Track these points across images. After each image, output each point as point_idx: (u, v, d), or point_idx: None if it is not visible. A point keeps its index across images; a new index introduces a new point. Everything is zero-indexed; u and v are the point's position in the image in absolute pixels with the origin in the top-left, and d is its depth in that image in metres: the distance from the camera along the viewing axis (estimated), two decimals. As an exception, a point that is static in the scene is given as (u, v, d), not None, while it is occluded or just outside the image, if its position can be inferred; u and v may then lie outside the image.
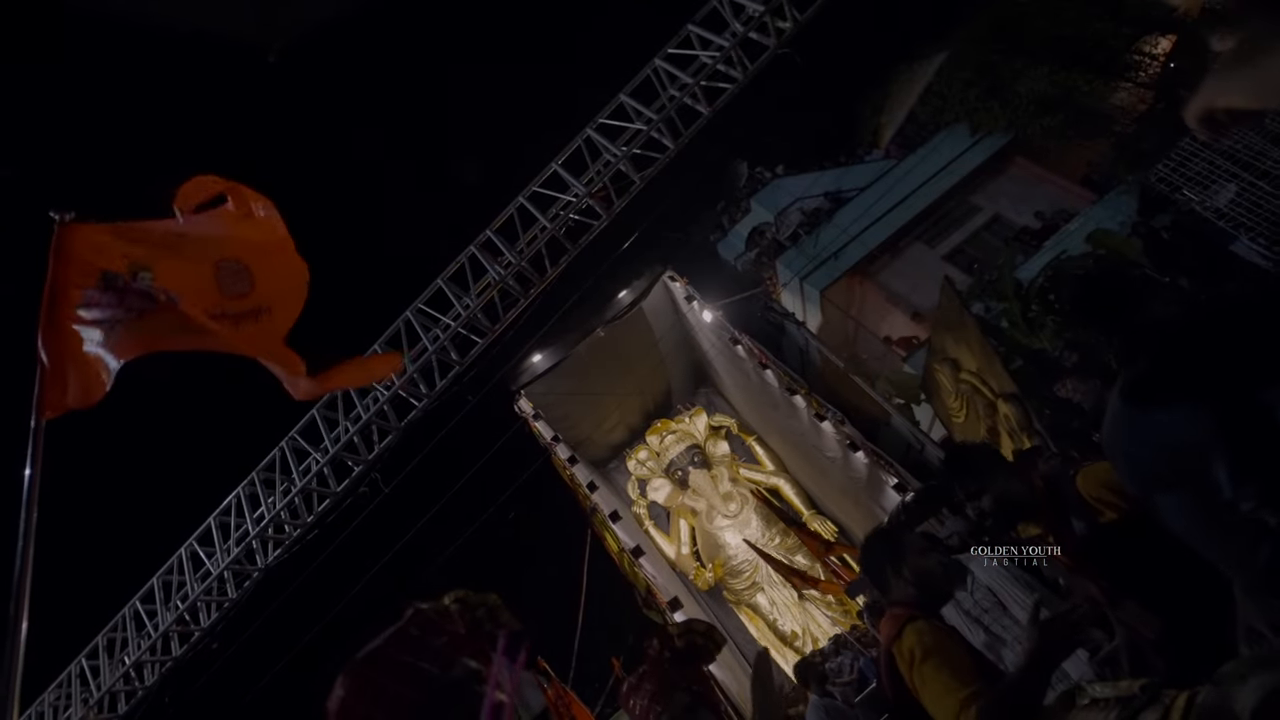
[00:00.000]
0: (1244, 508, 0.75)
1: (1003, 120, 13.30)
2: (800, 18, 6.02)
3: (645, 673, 2.01)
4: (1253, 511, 0.74)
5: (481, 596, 1.24)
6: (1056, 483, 1.97)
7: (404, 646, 0.99)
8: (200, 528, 7.15)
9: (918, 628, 1.66)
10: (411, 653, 0.96)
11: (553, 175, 6.63)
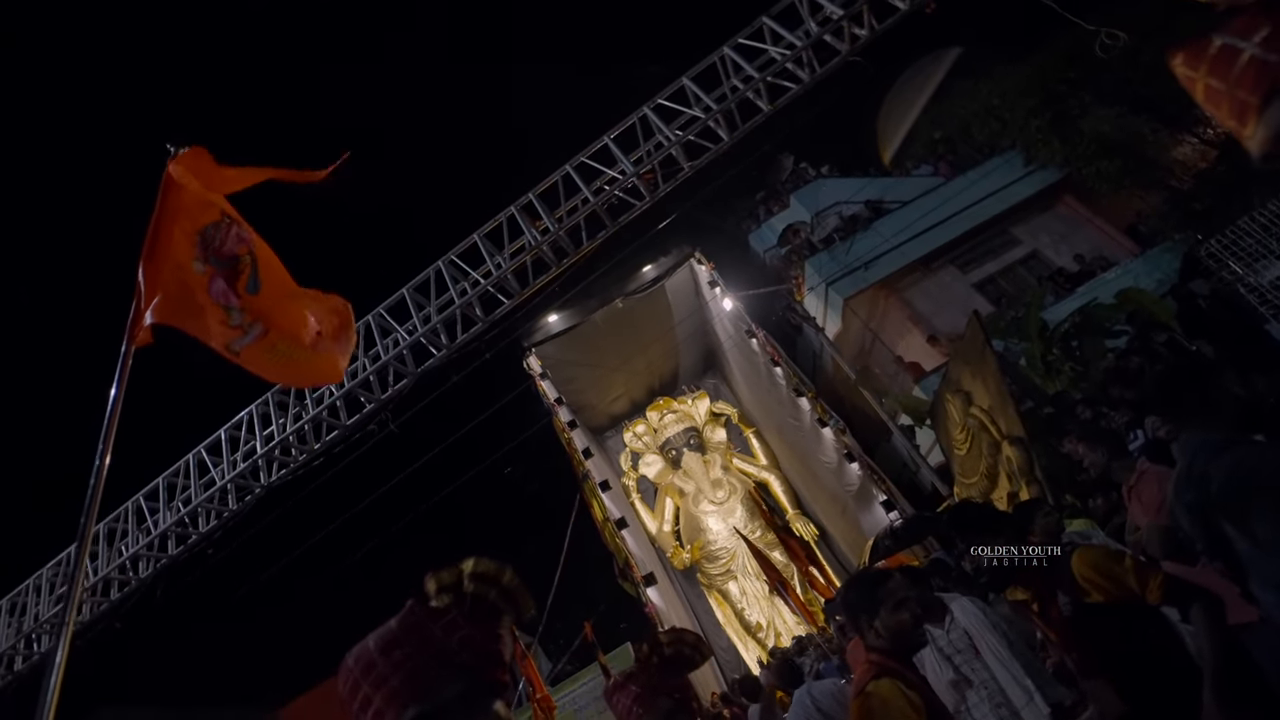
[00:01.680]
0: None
1: (1060, 156, 13.01)
2: (878, 27, 5.89)
3: (632, 674, 2.11)
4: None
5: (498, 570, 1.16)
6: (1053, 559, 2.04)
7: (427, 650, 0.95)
8: (210, 437, 7.35)
9: (881, 691, 1.71)
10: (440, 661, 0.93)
11: (603, 148, 6.59)
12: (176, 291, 2.30)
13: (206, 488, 7.28)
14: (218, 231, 2.42)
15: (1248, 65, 0.59)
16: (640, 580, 11.63)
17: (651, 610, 11.32)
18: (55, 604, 7.71)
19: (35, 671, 7.87)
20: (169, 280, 2.28)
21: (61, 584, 7.79)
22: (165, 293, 2.26)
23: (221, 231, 2.45)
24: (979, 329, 7.28)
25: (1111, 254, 12.78)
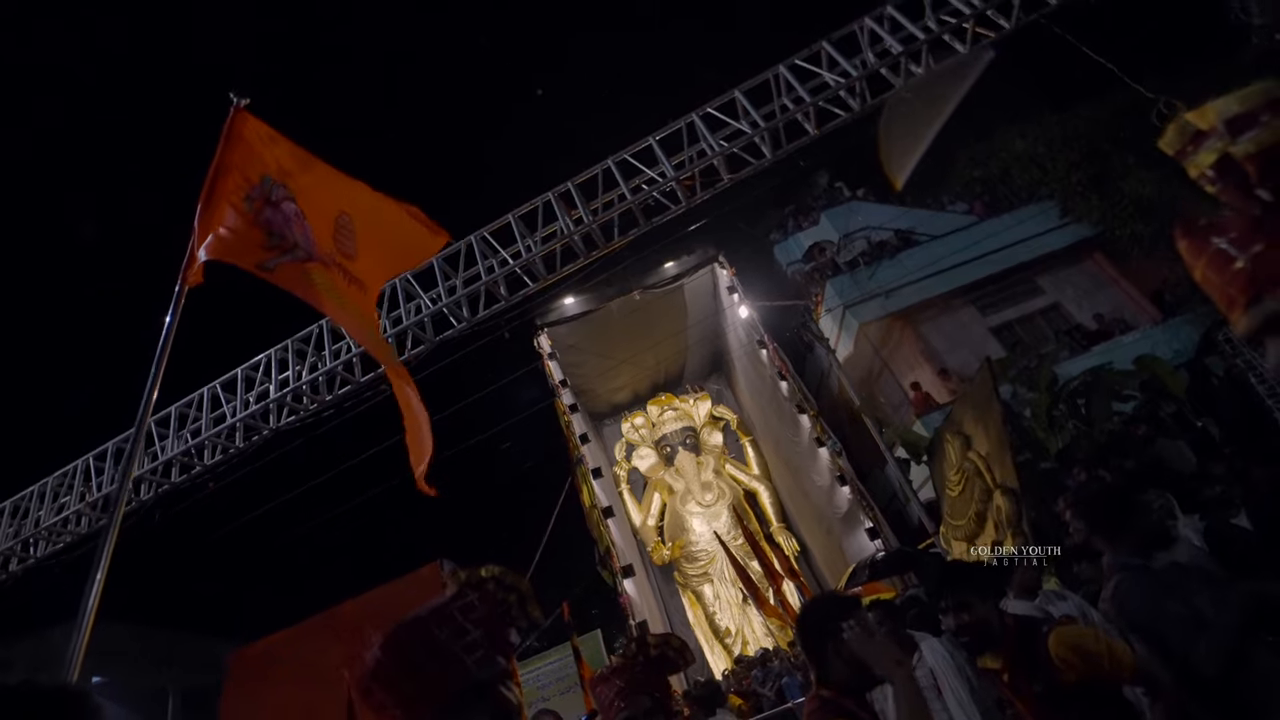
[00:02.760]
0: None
1: (1096, 212, 12.96)
2: (934, 66, 5.92)
3: (618, 669, 2.22)
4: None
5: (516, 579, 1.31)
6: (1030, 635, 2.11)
7: (446, 627, 1.07)
8: (226, 375, 7.51)
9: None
10: (452, 637, 1.05)
11: (646, 148, 6.65)
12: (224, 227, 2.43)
13: (217, 423, 7.45)
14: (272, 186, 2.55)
15: (1239, 272, 0.68)
16: (619, 570, 11.80)
17: (626, 601, 11.50)
18: (56, 512, 7.94)
19: (28, 574, 8.14)
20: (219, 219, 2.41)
21: (65, 492, 8.02)
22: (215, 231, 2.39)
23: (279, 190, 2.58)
24: (990, 377, 7.33)
25: (1132, 318, 12.75)
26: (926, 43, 5.80)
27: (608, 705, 2.09)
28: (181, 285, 2.24)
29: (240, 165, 2.39)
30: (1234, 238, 0.65)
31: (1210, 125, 0.68)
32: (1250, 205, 0.64)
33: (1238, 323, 0.69)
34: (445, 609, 1.06)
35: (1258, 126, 0.65)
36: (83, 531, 7.91)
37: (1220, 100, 0.68)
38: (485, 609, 1.08)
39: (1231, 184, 0.66)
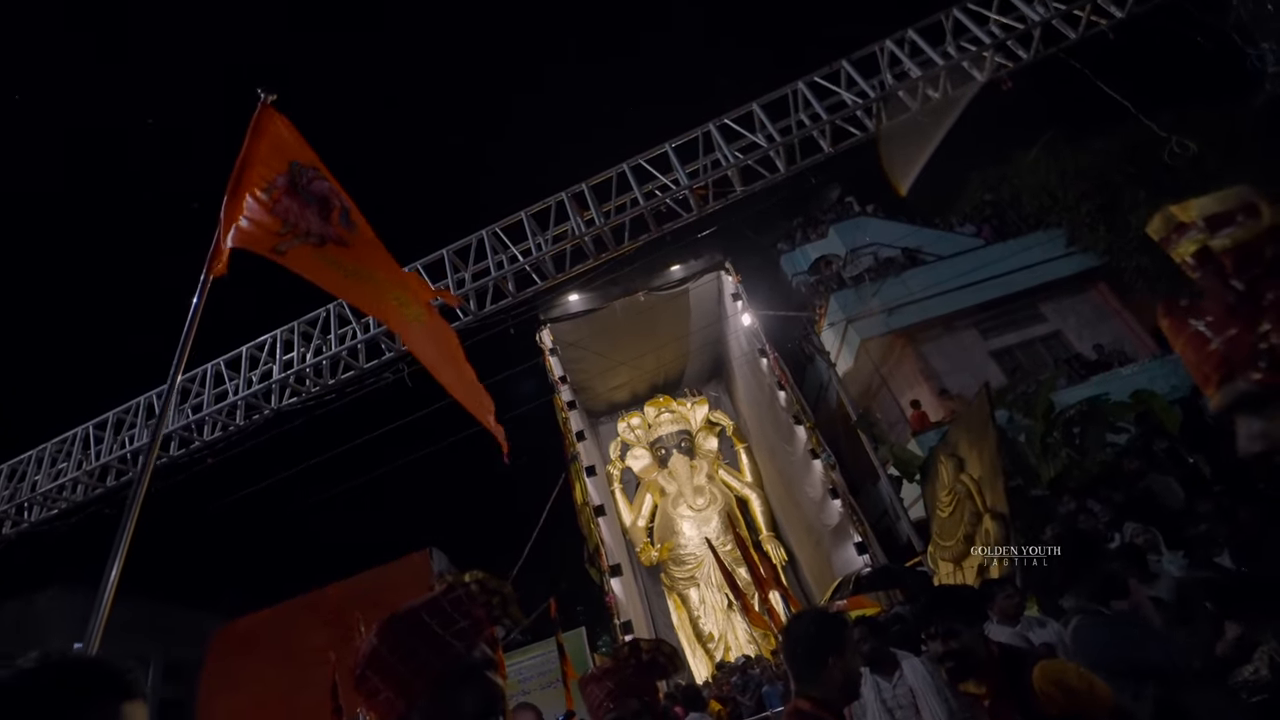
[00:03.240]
0: None
1: (1103, 244, 13.02)
2: (951, 93, 5.97)
3: (609, 670, 2.25)
4: None
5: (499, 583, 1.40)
6: (1016, 665, 2.16)
7: (436, 616, 1.16)
8: (231, 352, 7.56)
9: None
10: (442, 625, 1.13)
11: (662, 154, 6.69)
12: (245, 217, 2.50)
13: (219, 399, 7.50)
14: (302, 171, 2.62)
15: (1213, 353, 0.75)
16: (607, 569, 11.87)
17: (612, 600, 11.56)
18: (53, 479, 7.99)
19: (22, 538, 8.19)
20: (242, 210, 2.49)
21: (64, 458, 8.07)
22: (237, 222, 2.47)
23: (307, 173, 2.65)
24: (986, 402, 7.40)
25: (1132, 350, 12.82)
26: (945, 69, 5.85)
27: (596, 705, 2.14)
28: (206, 274, 2.31)
29: (264, 159, 2.46)
30: (1210, 321, 0.72)
31: (1191, 219, 0.75)
32: (1226, 293, 0.70)
33: (1212, 399, 0.75)
34: (436, 601, 1.13)
35: (1233, 225, 0.72)
36: (78, 499, 7.96)
37: (1201, 199, 0.75)
38: (472, 605, 1.15)
39: (1209, 272, 0.73)
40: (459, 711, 1.06)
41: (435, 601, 1.14)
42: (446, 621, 1.09)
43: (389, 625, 1.11)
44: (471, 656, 1.09)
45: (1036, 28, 5.90)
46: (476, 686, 1.09)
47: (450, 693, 1.06)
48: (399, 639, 1.09)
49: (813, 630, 1.96)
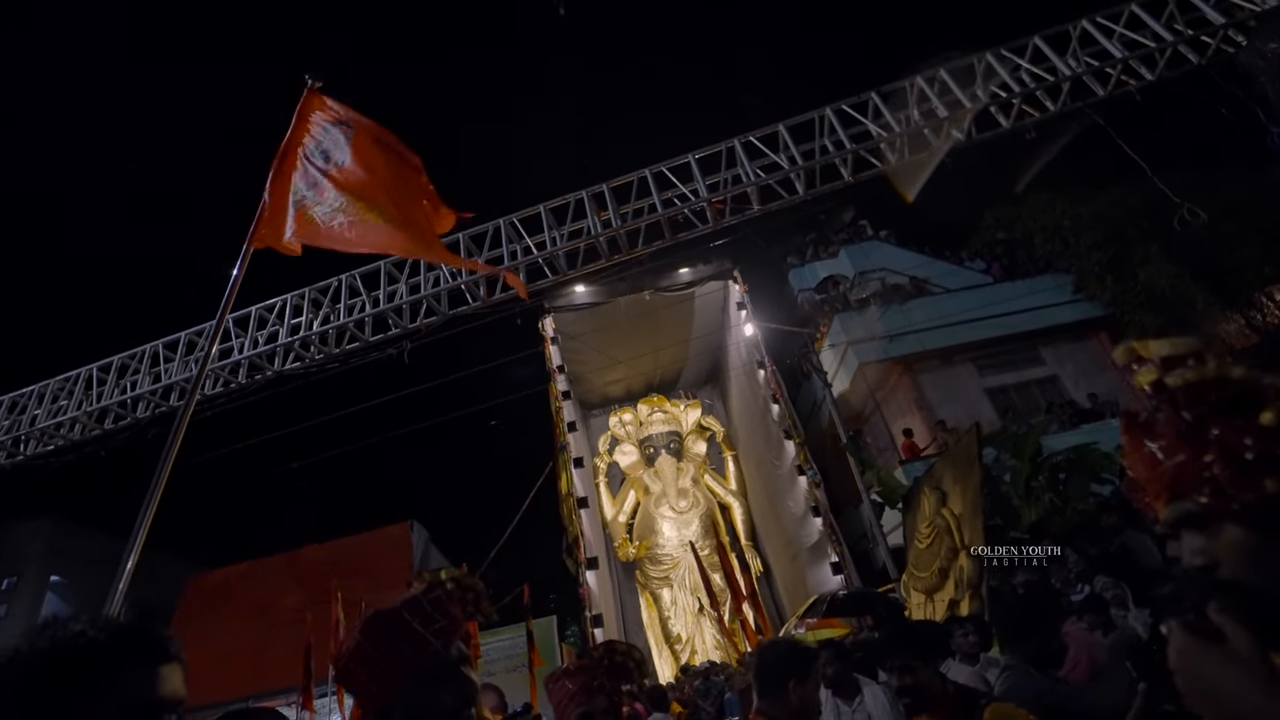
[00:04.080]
0: None
1: (1109, 295, 13.12)
2: (975, 136, 6.06)
3: (580, 669, 2.36)
4: None
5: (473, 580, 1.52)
6: (969, 705, 2.27)
7: (417, 615, 1.25)
8: (241, 311, 7.63)
9: None
10: (422, 623, 1.23)
11: (684, 164, 6.76)
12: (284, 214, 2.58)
13: (224, 355, 7.58)
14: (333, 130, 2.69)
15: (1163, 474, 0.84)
16: (584, 561, 11.99)
17: (585, 592, 11.68)
18: (52, 415, 8.07)
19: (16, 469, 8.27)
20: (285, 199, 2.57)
21: (65, 397, 8.14)
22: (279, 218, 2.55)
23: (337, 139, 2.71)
24: (975, 441, 7.51)
25: (1126, 403, 12.94)
26: (973, 111, 5.93)
27: (565, 699, 2.25)
28: (248, 246, 2.40)
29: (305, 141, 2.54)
30: (1163, 445, 0.81)
31: (1150, 355, 0.85)
32: (1178, 422, 0.79)
33: (1160, 512, 0.84)
34: (416, 601, 1.21)
35: (1185, 367, 0.81)
36: (75, 438, 8.04)
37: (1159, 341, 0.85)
38: (450, 604, 1.24)
39: (1164, 403, 0.83)
40: (437, 705, 1.14)
41: (416, 601, 1.21)
42: (427, 620, 1.17)
43: (373, 622, 1.18)
44: (449, 654, 1.17)
45: (1066, 81, 5.98)
46: (454, 682, 1.16)
47: (429, 688, 1.13)
48: (382, 636, 1.16)
49: (783, 656, 2.09)
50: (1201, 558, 0.79)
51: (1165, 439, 0.81)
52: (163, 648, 0.86)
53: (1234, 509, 0.72)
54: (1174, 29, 6.10)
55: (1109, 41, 6.10)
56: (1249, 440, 0.70)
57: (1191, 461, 0.77)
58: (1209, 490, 0.75)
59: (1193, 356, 0.80)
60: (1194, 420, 0.77)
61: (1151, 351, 0.83)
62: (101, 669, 0.79)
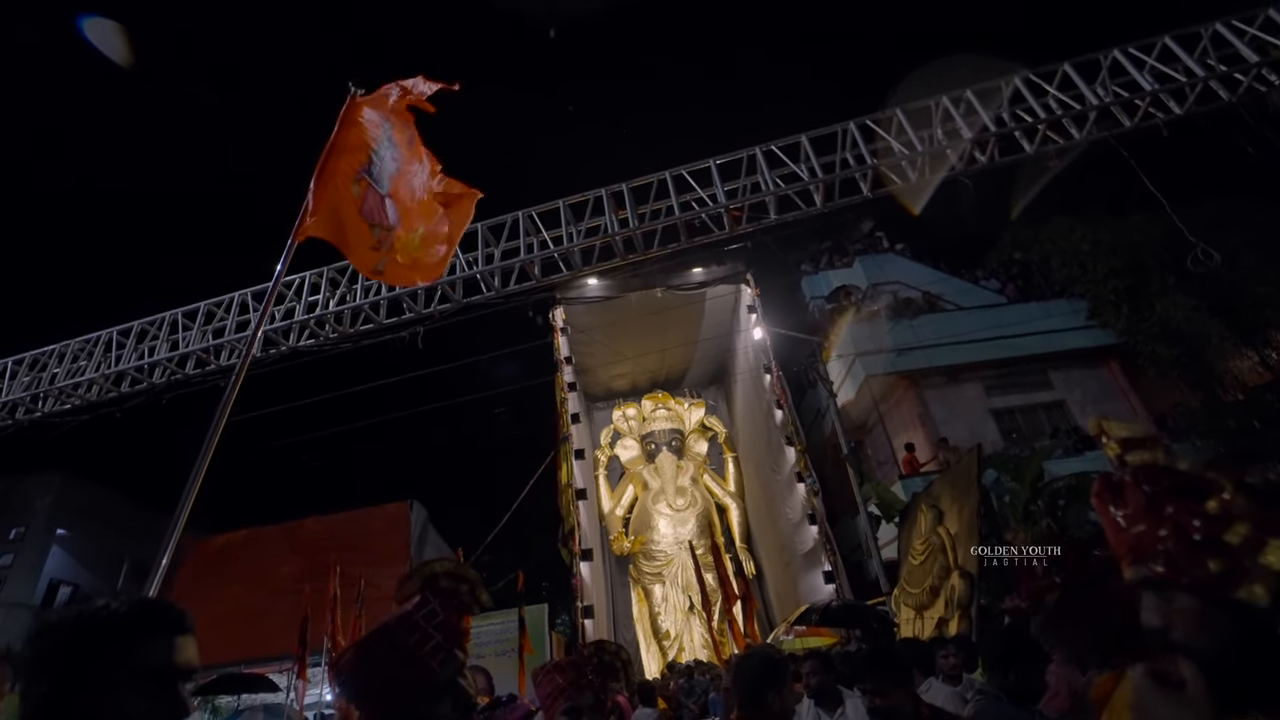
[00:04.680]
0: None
1: (1123, 323, 13.04)
2: (998, 159, 6.06)
3: (571, 664, 2.45)
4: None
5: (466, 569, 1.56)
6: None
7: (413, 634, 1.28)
8: (259, 285, 7.75)
9: None
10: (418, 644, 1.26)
11: (705, 169, 6.79)
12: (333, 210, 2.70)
13: (240, 328, 7.70)
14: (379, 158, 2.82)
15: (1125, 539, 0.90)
16: (579, 552, 12.10)
17: (578, 583, 11.80)
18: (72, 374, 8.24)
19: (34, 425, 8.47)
20: (330, 198, 2.69)
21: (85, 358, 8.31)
22: (325, 210, 2.66)
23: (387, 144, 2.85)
24: (975, 464, 7.53)
25: (1132, 433, 12.88)
26: (995, 135, 5.92)
27: (553, 692, 2.34)
28: (292, 240, 2.51)
29: (353, 148, 2.65)
30: (1126, 513, 0.87)
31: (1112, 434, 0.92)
32: (1139, 495, 0.86)
33: (1125, 571, 0.91)
34: (410, 617, 1.23)
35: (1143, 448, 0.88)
36: (92, 399, 8.21)
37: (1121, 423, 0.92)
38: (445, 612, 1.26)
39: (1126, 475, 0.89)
40: (436, 716, 1.18)
41: (409, 619, 1.23)
42: (423, 639, 1.19)
43: (369, 649, 1.20)
44: (446, 671, 1.19)
45: (1093, 110, 5.96)
46: (450, 695, 1.20)
47: (427, 702, 1.18)
48: (378, 662, 1.18)
49: (759, 668, 2.18)
50: (1158, 618, 0.86)
51: (1129, 508, 0.87)
52: (178, 621, 0.95)
53: (1184, 581, 0.78)
54: (1206, 64, 6.06)
55: (1139, 73, 6.07)
56: (1198, 522, 0.76)
57: (1150, 533, 0.83)
58: (1163, 561, 0.81)
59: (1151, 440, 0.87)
60: (1153, 496, 0.84)
61: (1113, 431, 0.90)
62: (123, 638, 0.88)
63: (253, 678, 9.99)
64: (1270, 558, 0.70)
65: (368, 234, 2.73)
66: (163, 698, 0.88)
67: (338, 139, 2.62)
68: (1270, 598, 0.69)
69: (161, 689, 0.88)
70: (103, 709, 0.84)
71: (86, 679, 0.85)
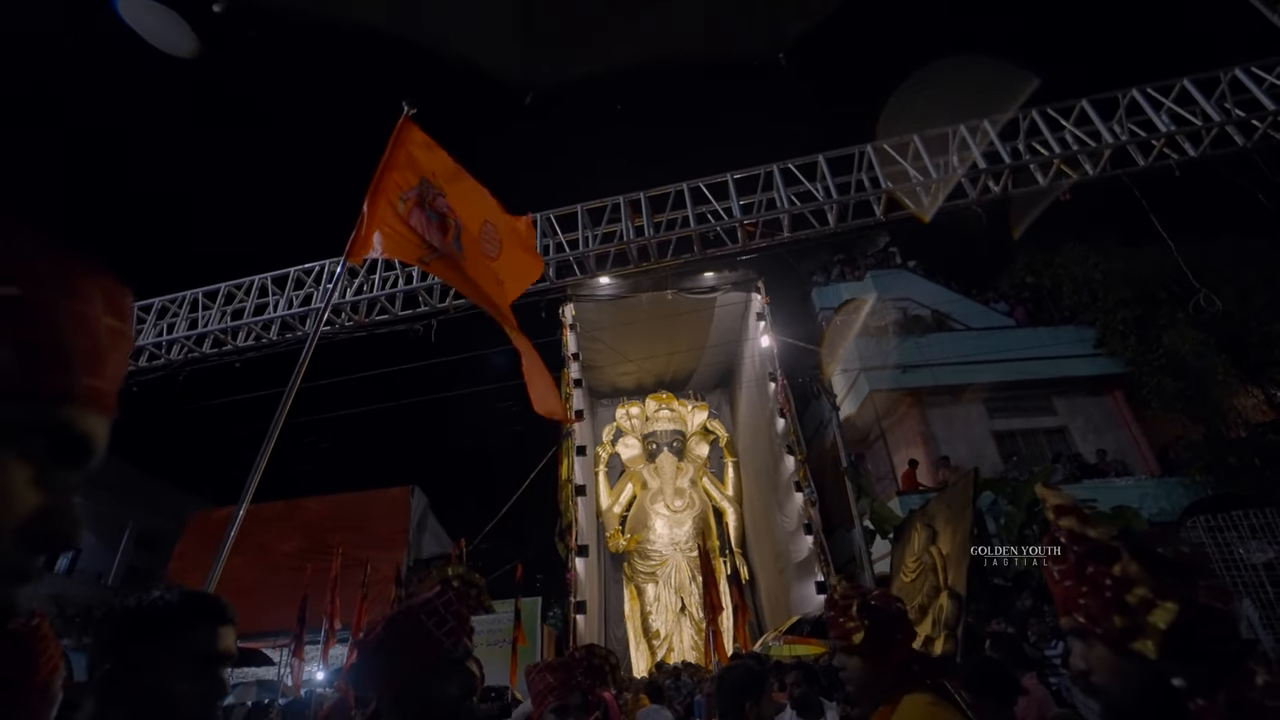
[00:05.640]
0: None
1: (1130, 354, 13.04)
2: (1010, 190, 6.14)
3: (561, 665, 2.60)
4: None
5: (476, 577, 1.75)
6: None
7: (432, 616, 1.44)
8: (280, 270, 7.93)
9: None
10: (436, 624, 1.43)
11: (722, 182, 6.90)
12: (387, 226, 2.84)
13: (258, 311, 7.88)
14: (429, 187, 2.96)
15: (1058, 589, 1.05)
16: (575, 548, 12.26)
17: (573, 578, 11.96)
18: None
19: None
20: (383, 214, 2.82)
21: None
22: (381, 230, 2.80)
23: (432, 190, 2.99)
24: (970, 486, 7.61)
25: (1133, 464, 12.90)
26: (1010, 167, 6.00)
27: (544, 690, 2.49)
28: (345, 260, 2.64)
29: (403, 166, 2.77)
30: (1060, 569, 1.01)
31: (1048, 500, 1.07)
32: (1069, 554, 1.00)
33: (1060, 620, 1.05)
34: (432, 603, 1.40)
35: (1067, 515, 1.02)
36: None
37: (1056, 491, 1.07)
38: (458, 603, 1.43)
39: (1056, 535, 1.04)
40: (444, 695, 1.34)
41: (431, 603, 1.40)
42: (440, 621, 1.37)
43: (397, 624, 1.38)
44: (457, 652, 1.36)
45: (1109, 148, 6.02)
46: (460, 675, 1.37)
47: (438, 680, 1.34)
48: (402, 635, 1.36)
49: (740, 679, 2.30)
50: (1081, 663, 1.00)
51: (1062, 565, 1.02)
52: (222, 612, 1.08)
53: (1098, 632, 0.92)
54: (1224, 107, 6.11)
55: (1156, 114, 6.13)
56: (1109, 582, 0.91)
57: (1075, 588, 0.98)
58: (1084, 613, 0.96)
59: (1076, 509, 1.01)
60: (1078, 556, 0.98)
61: (1049, 499, 1.05)
62: (175, 626, 1.02)
63: (248, 652, 10.18)
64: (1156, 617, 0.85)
65: (415, 239, 2.85)
66: (206, 679, 1.02)
67: (392, 155, 2.74)
68: (1158, 652, 0.84)
69: (206, 671, 1.02)
70: (156, 686, 0.98)
71: (143, 660, 0.99)
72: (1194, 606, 0.83)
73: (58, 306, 0.38)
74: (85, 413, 0.39)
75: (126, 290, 0.42)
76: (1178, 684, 0.83)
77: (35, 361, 0.36)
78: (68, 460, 0.39)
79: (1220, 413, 12.63)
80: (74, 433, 0.39)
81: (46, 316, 0.37)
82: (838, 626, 1.78)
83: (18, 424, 0.36)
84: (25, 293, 0.36)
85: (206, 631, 1.05)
